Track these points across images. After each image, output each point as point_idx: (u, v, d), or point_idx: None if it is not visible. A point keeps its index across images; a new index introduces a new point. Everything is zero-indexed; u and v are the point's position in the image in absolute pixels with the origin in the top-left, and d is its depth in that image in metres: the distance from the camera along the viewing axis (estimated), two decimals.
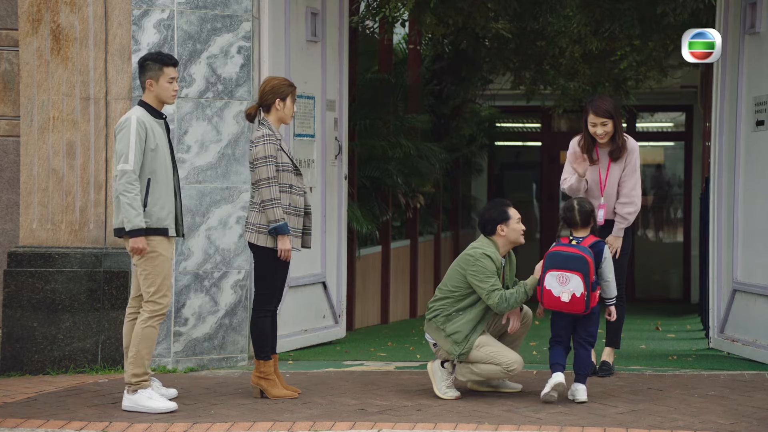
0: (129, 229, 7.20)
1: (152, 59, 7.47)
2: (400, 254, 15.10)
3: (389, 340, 11.33)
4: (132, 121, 7.28)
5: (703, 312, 11.69)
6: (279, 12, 9.41)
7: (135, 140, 7.24)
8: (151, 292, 7.33)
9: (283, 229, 7.52)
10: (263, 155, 7.52)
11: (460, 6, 12.80)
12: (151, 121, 7.37)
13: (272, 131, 7.60)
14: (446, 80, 16.62)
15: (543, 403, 7.35)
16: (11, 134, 9.15)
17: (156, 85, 7.42)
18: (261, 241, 7.60)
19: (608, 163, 8.28)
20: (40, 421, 7.02)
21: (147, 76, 7.43)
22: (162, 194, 7.37)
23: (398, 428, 6.71)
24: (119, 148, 7.26)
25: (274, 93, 7.64)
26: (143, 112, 7.38)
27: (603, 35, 13.14)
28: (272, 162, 7.53)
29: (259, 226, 7.60)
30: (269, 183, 7.52)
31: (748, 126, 9.36)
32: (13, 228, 9.15)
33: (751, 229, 9.33)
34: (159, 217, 7.34)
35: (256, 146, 7.56)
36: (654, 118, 20.70)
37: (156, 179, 7.34)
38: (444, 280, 7.83)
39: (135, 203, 7.20)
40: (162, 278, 7.34)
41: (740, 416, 6.97)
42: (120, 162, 7.23)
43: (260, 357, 7.66)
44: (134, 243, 7.22)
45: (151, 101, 7.46)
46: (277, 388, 7.64)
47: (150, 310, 7.34)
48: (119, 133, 7.29)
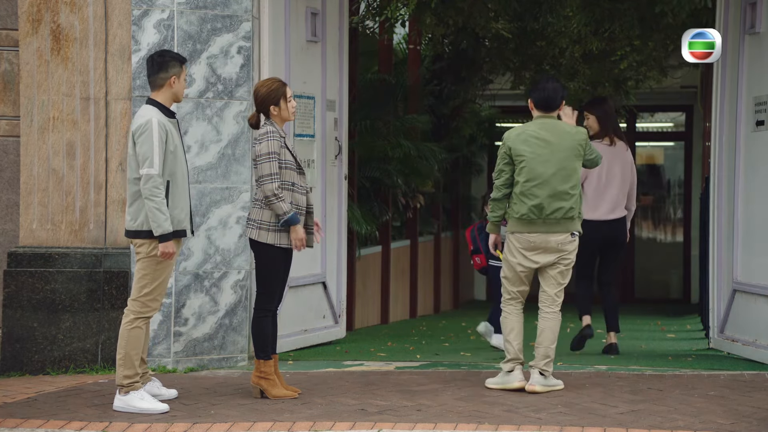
0: (158, 234, 7.17)
1: (174, 57, 7.44)
2: (400, 254, 15.10)
3: (389, 340, 11.33)
4: (153, 123, 7.21)
5: (703, 312, 11.68)
6: (279, 12, 9.41)
7: (158, 143, 7.19)
8: (143, 293, 7.29)
9: (294, 219, 7.53)
10: (266, 152, 7.53)
11: (460, 6, 12.80)
12: (168, 122, 7.34)
13: (276, 128, 7.63)
14: (446, 80, 16.62)
15: None
16: (11, 134, 9.15)
17: (178, 81, 7.40)
18: (262, 238, 7.60)
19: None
20: (40, 421, 7.02)
21: (171, 73, 7.36)
22: (181, 196, 7.36)
23: (398, 428, 6.71)
24: (142, 152, 7.18)
25: (267, 100, 7.63)
26: (159, 113, 7.31)
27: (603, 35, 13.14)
28: (275, 158, 7.53)
29: (260, 223, 7.60)
30: (271, 179, 7.50)
31: (748, 126, 9.36)
32: (13, 228, 9.15)
33: (751, 229, 9.33)
34: (179, 219, 7.33)
35: (260, 143, 7.57)
36: (654, 118, 20.70)
37: (175, 181, 7.32)
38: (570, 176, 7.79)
39: (163, 207, 7.18)
40: (159, 282, 7.31)
41: (740, 416, 6.97)
42: (145, 166, 7.17)
43: (260, 357, 7.66)
44: (164, 248, 7.19)
45: (164, 100, 7.39)
46: (277, 388, 7.64)
47: (136, 311, 7.30)
48: (140, 137, 7.21)
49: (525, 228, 7.78)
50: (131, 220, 7.32)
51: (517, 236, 7.83)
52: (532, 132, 7.82)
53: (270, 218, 7.58)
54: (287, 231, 7.58)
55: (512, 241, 7.86)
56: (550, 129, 7.84)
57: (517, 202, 7.78)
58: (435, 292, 16.88)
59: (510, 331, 7.85)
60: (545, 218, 7.73)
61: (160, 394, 7.50)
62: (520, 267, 7.84)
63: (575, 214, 7.81)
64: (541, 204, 7.71)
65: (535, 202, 7.71)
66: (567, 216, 7.77)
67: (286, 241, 7.61)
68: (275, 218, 7.55)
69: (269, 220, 7.58)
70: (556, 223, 7.77)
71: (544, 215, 7.73)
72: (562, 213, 7.75)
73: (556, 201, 7.74)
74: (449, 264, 17.71)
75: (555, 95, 7.87)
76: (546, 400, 7.44)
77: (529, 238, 7.78)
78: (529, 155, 7.75)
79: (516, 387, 7.77)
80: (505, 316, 7.90)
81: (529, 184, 7.73)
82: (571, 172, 7.80)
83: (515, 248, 7.85)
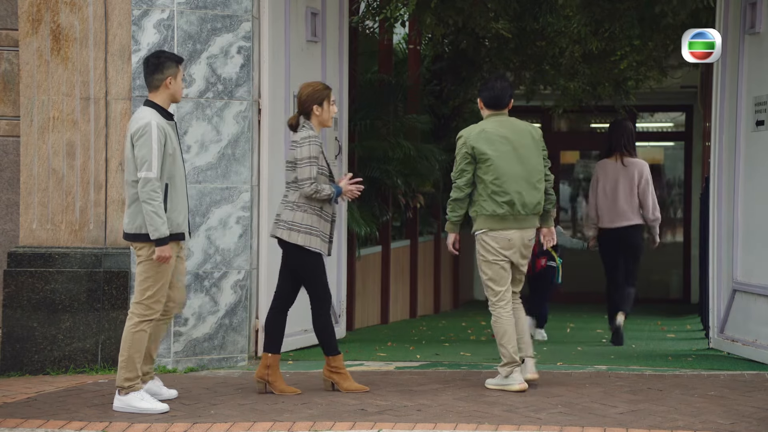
0: (155, 238, 7.15)
1: (169, 58, 7.41)
2: (400, 254, 15.09)
3: (389, 340, 11.33)
4: (152, 126, 7.18)
5: (703, 312, 11.69)
6: (279, 12, 9.41)
7: (156, 147, 7.17)
8: (146, 296, 7.28)
9: (338, 190, 7.76)
10: (307, 155, 7.64)
11: (460, 6, 12.79)
12: (166, 125, 7.31)
13: (315, 133, 7.74)
14: (446, 80, 16.61)
15: None
16: (11, 134, 9.15)
17: (174, 82, 7.38)
18: (292, 239, 7.71)
19: None
20: (40, 421, 7.02)
21: (167, 74, 7.34)
22: (179, 199, 7.35)
23: (398, 428, 6.71)
24: (141, 155, 7.16)
25: (311, 100, 7.77)
26: (158, 116, 7.28)
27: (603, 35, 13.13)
28: (315, 163, 7.66)
29: (291, 224, 7.70)
30: (311, 181, 7.63)
31: (748, 126, 9.36)
32: (13, 228, 9.15)
33: (751, 229, 9.33)
34: (177, 222, 7.32)
35: (301, 147, 7.67)
36: (654, 118, 20.69)
37: (174, 184, 7.30)
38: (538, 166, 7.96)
39: (160, 211, 7.17)
40: (161, 284, 7.29)
41: (740, 416, 6.97)
42: (143, 169, 7.15)
43: (330, 353, 7.86)
44: (161, 252, 7.17)
45: (162, 101, 7.37)
46: (348, 381, 7.85)
47: (140, 314, 7.28)
48: (139, 139, 7.18)
49: (498, 225, 7.83)
50: (129, 222, 7.29)
51: (492, 235, 7.85)
52: (492, 130, 7.89)
53: (302, 220, 7.69)
54: (317, 235, 7.72)
55: (488, 242, 7.86)
56: (508, 126, 7.96)
57: (487, 200, 7.83)
58: (435, 292, 16.88)
59: (503, 335, 7.83)
60: (517, 214, 7.82)
61: (159, 394, 7.49)
62: (502, 262, 7.86)
63: (541, 209, 7.94)
64: (512, 200, 7.80)
65: (507, 198, 7.80)
66: (537, 210, 7.91)
67: (317, 245, 7.72)
68: (306, 221, 7.69)
69: (301, 222, 7.68)
70: (526, 218, 7.87)
71: (516, 210, 7.81)
72: (533, 206, 7.87)
73: (527, 195, 7.85)
74: (449, 264, 17.70)
75: (504, 94, 8.00)
76: (546, 400, 7.44)
77: (507, 235, 7.83)
78: (494, 153, 7.82)
79: (516, 389, 7.75)
80: (496, 320, 7.88)
81: (499, 182, 7.80)
82: (537, 165, 7.94)
83: (492, 248, 7.86)
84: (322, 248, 7.77)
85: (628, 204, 10.85)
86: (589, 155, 20.68)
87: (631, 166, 10.94)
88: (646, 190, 10.88)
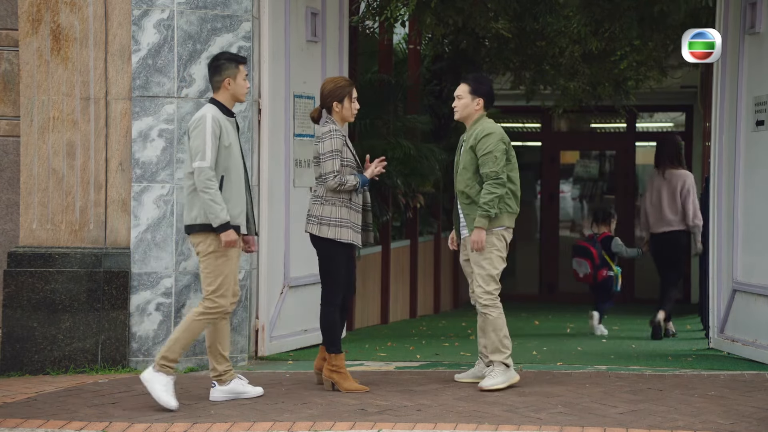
0: (217, 225, 7.25)
1: (227, 59, 7.57)
2: (400, 254, 15.09)
3: (389, 340, 11.33)
4: (207, 118, 7.34)
5: (703, 312, 11.69)
6: (279, 12, 9.42)
7: (210, 137, 7.29)
8: (209, 291, 7.39)
9: (363, 180, 7.79)
10: (330, 149, 7.69)
11: (460, 6, 12.78)
12: (224, 120, 7.44)
13: (338, 127, 7.79)
14: (446, 80, 16.60)
15: None
16: (11, 134, 9.16)
17: (234, 83, 7.49)
18: (323, 233, 7.75)
19: None
20: (40, 421, 7.02)
21: (225, 75, 7.49)
22: (234, 192, 7.42)
23: (398, 428, 6.72)
24: (195, 145, 7.31)
25: (332, 96, 7.83)
26: (216, 110, 7.44)
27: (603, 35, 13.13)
28: (337, 156, 7.70)
29: (320, 218, 7.74)
30: (333, 176, 7.67)
31: (748, 126, 9.36)
32: (13, 228, 9.15)
33: (751, 229, 9.33)
34: (232, 215, 7.39)
35: (323, 141, 7.73)
36: (654, 118, 20.68)
37: (229, 177, 7.40)
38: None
39: (217, 198, 7.27)
40: (223, 277, 7.37)
41: (740, 416, 6.97)
42: (196, 159, 7.29)
43: (332, 351, 7.83)
44: (226, 237, 7.28)
45: (224, 100, 7.53)
46: (349, 381, 7.83)
47: (205, 306, 7.40)
48: (194, 131, 7.35)
49: (512, 223, 8.02)
50: (186, 213, 7.44)
51: (509, 232, 8.02)
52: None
53: (330, 214, 7.74)
54: (348, 227, 7.74)
55: (505, 238, 8.00)
56: None
57: (512, 198, 7.96)
58: (435, 292, 16.87)
59: (502, 328, 7.92)
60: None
61: (245, 392, 7.59)
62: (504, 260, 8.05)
63: None
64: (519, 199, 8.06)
65: (519, 196, 8.01)
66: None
67: (347, 237, 7.76)
68: (335, 213, 7.71)
69: (330, 216, 7.73)
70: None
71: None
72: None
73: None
74: (449, 264, 17.68)
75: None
76: (546, 400, 7.44)
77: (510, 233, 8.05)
78: (513, 151, 8.03)
79: (518, 378, 7.92)
80: (499, 315, 7.91)
81: (516, 182, 7.99)
82: None
83: (506, 244, 8.02)
84: (355, 239, 7.80)
85: (672, 211, 11.68)
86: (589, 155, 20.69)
87: (674, 178, 11.74)
88: (687, 198, 11.66)
